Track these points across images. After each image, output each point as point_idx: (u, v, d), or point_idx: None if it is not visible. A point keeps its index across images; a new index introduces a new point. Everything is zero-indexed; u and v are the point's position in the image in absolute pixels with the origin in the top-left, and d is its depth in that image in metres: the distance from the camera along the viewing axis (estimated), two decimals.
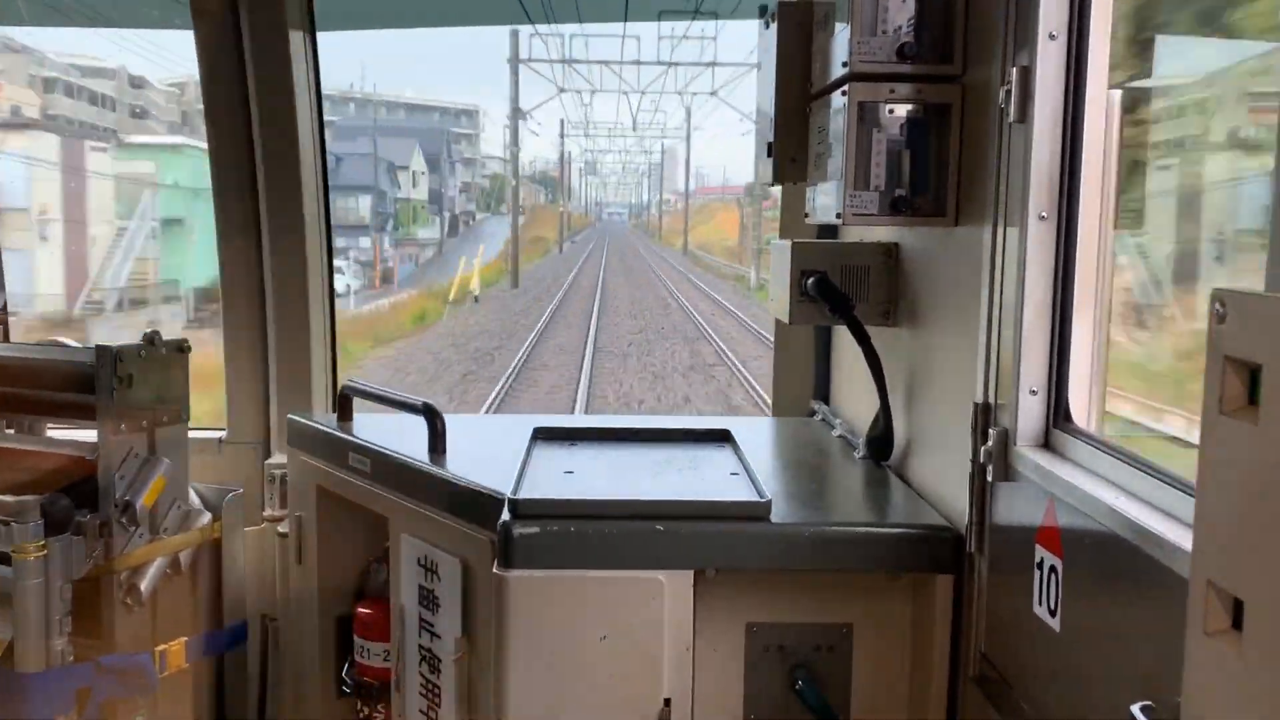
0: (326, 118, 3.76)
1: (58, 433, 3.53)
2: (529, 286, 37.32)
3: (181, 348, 3.16)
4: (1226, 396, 0.96)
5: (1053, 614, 1.84)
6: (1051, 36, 1.90)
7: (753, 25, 2.98)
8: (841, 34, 2.38)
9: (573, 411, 15.50)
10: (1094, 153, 1.91)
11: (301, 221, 3.57)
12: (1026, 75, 1.94)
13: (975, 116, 2.24)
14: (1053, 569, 1.84)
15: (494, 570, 2.24)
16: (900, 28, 2.29)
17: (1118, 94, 1.91)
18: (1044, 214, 1.95)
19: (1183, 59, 2.39)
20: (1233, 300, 0.95)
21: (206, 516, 3.26)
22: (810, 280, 2.72)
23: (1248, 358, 0.94)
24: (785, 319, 2.80)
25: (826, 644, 2.35)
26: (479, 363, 20.78)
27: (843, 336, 3.22)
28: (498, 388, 17.50)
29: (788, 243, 2.78)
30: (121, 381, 2.95)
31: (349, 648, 3.08)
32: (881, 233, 2.77)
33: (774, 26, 2.80)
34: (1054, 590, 1.83)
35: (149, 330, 3.08)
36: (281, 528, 3.33)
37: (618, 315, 28.86)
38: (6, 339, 3.80)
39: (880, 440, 2.69)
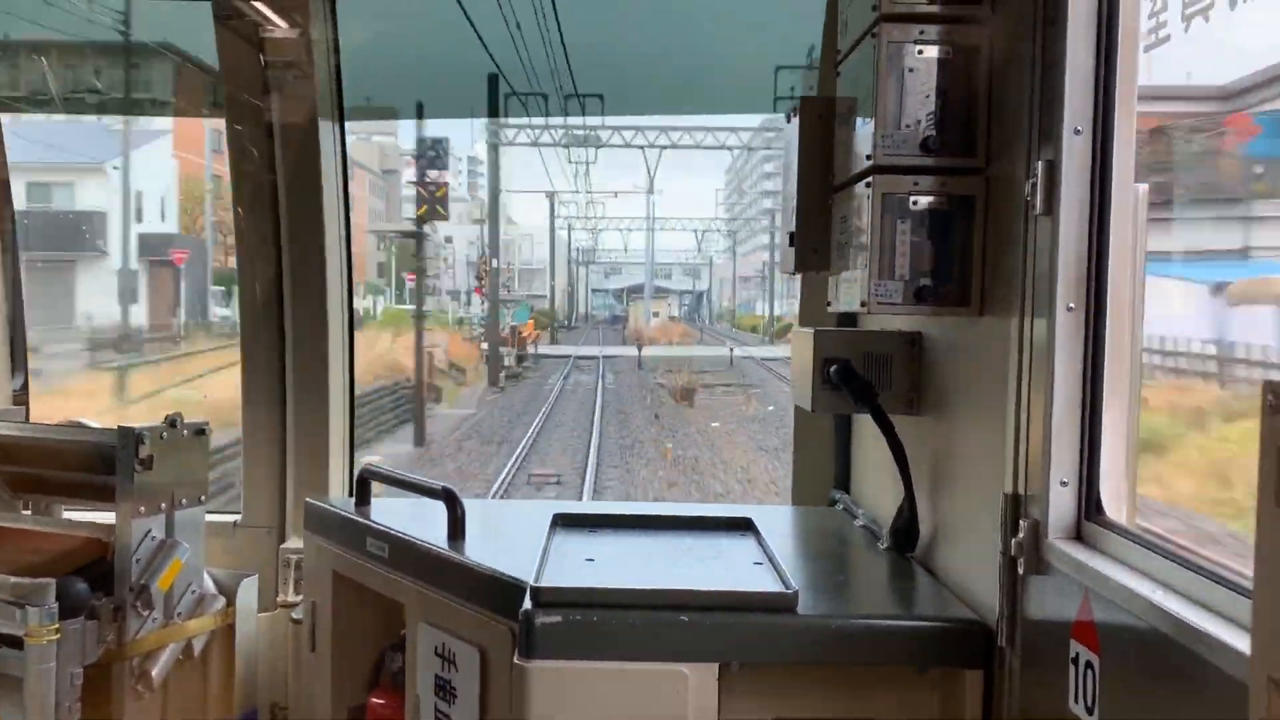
0: None
1: (72, 514, 3.51)
2: None
3: (201, 430, 3.16)
4: None
5: (1090, 711, 1.79)
6: (1077, 131, 1.93)
7: None
8: (865, 128, 2.42)
9: None
10: (1121, 244, 1.92)
11: (324, 306, 3.60)
12: (1052, 169, 1.96)
13: (999, 208, 2.26)
14: (1089, 664, 1.80)
15: (515, 660, 2.20)
16: (921, 122, 2.33)
17: (1144, 187, 1.93)
18: (1072, 305, 1.95)
19: None
20: None
21: (220, 601, 3.22)
22: (833, 368, 2.72)
23: None
24: (807, 406, 2.79)
25: None
26: None
27: (863, 426, 3.21)
28: None
29: (809, 330, 2.79)
30: (143, 463, 2.94)
31: None
32: (902, 322, 2.78)
33: (796, 120, 2.85)
34: (1091, 687, 1.79)
35: (170, 413, 3.08)
36: (295, 614, 3.29)
37: None
38: (26, 419, 3.81)
39: (905, 531, 2.66)
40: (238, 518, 3.69)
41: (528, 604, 2.21)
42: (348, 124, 3.65)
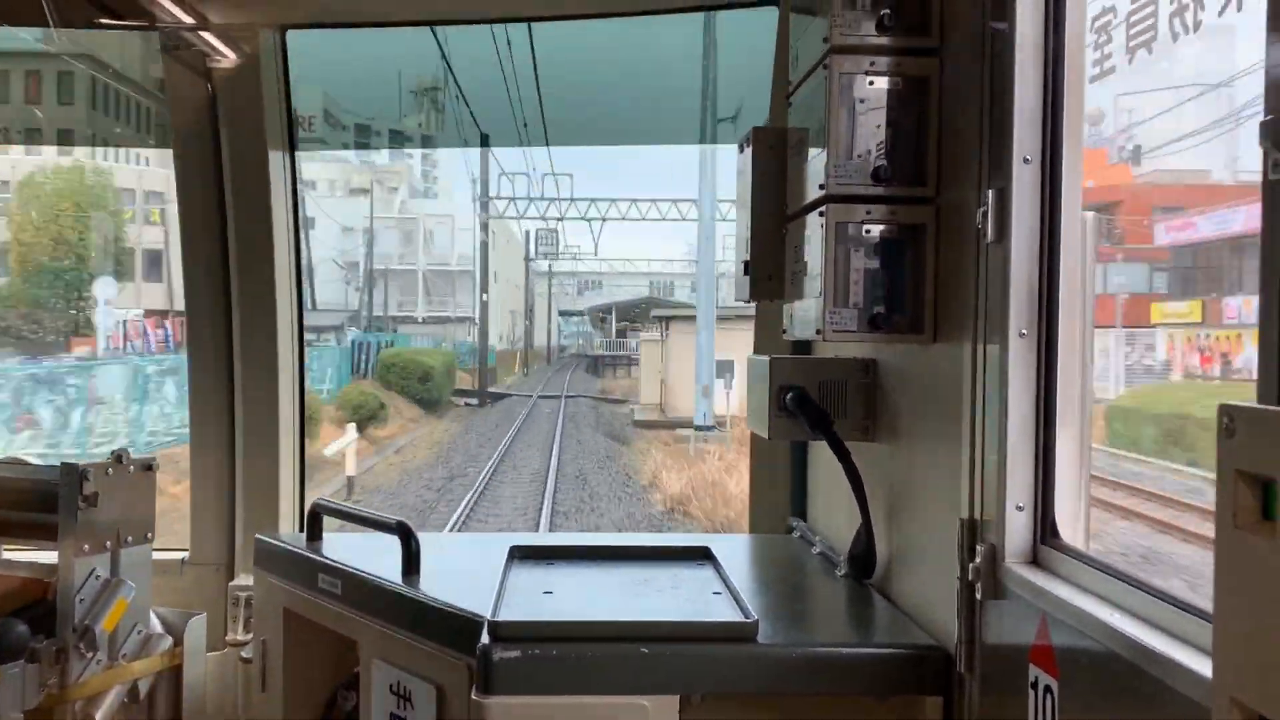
0: None
1: (11, 553, 3.41)
2: None
3: (149, 466, 3.09)
4: (1240, 511, 0.96)
5: None
6: (1026, 160, 1.96)
7: None
8: (817, 158, 2.44)
9: None
10: (1071, 271, 1.95)
11: (274, 339, 3.55)
12: (1003, 197, 1.99)
13: (951, 236, 2.29)
14: (1048, 689, 1.81)
15: (473, 696, 2.17)
16: (872, 152, 2.36)
17: (1091, 214, 1.96)
18: (1024, 331, 1.98)
19: None
20: (1241, 414, 0.96)
21: (168, 641, 3.14)
22: (789, 396, 2.72)
23: (1260, 471, 0.94)
24: (764, 434, 2.80)
25: None
26: None
27: (819, 452, 3.22)
28: None
29: (765, 358, 2.80)
30: (86, 500, 2.87)
31: None
32: (857, 348, 2.79)
33: (749, 150, 2.87)
34: (1050, 711, 1.80)
35: (116, 448, 3.01)
36: (245, 653, 3.22)
37: None
38: None
39: (862, 558, 2.66)
40: (185, 554, 3.61)
41: (485, 639, 2.18)
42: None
